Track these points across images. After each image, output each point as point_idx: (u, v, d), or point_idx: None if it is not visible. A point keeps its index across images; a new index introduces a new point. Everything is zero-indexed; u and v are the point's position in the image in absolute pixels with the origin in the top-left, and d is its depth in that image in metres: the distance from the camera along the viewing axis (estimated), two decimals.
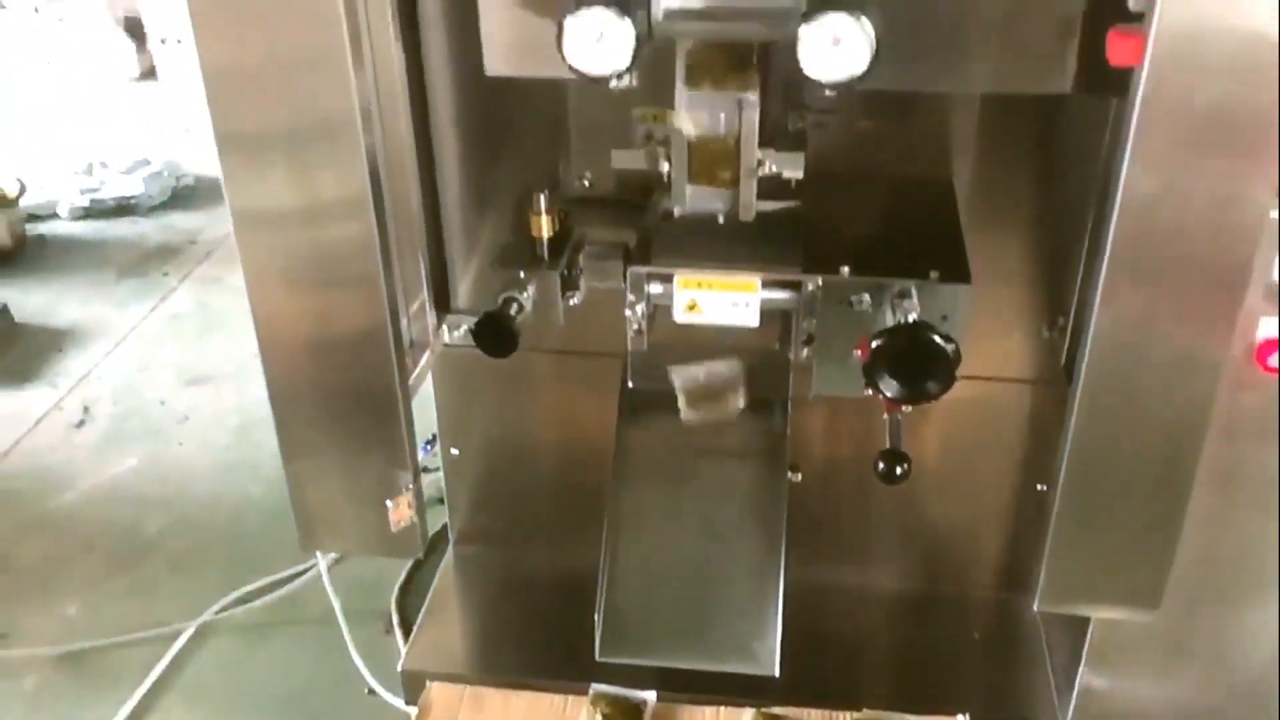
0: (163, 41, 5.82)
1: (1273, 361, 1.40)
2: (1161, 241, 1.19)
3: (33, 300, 3.78)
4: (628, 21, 1.19)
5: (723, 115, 1.41)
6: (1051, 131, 1.65)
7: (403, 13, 1.46)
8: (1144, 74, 1.08)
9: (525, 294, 1.61)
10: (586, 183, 1.84)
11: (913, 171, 1.70)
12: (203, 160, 4.73)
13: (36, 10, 5.96)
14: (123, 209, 4.43)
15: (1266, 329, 1.39)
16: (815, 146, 1.58)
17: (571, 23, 1.20)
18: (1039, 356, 1.85)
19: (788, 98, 1.53)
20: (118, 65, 5.88)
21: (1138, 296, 1.24)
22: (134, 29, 5.92)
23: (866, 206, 1.66)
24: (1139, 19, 1.08)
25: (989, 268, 1.63)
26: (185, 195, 4.54)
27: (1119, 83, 1.16)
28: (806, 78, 1.19)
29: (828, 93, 1.21)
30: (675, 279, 1.52)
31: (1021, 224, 1.75)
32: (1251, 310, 1.37)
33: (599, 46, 1.21)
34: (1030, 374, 1.88)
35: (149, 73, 5.92)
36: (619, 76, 1.23)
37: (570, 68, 1.22)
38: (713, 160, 1.47)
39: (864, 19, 1.15)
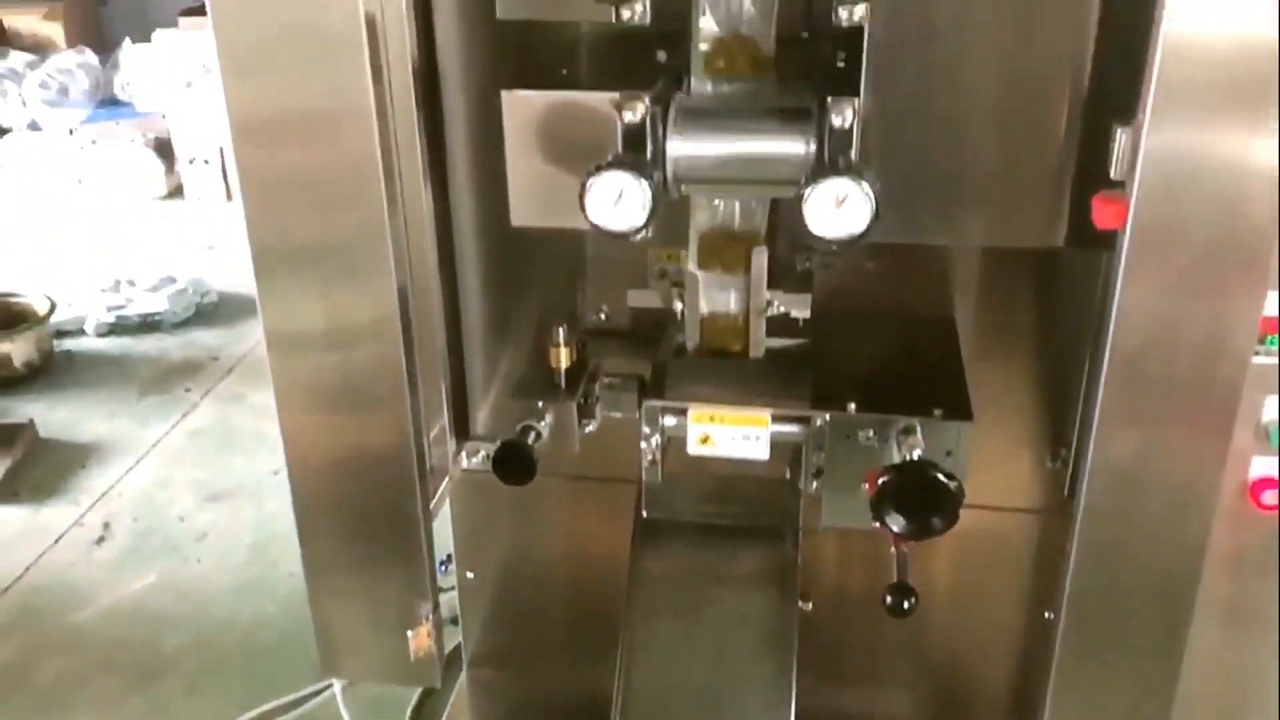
0: (190, 162, 6.04)
1: (1267, 499, 1.45)
2: (1151, 385, 1.26)
3: (58, 416, 3.86)
4: (645, 183, 1.28)
5: (733, 290, 1.50)
6: (1049, 273, 1.72)
7: (433, 160, 1.56)
8: (1127, 237, 1.16)
9: (543, 423, 1.67)
10: (603, 316, 1.92)
11: (916, 310, 1.77)
12: (226, 277, 4.88)
13: (71, 132, 6.18)
14: (148, 325, 4.54)
15: (1259, 468, 1.44)
16: (821, 285, 1.66)
17: (594, 184, 1.28)
18: (1044, 487, 1.90)
19: (795, 241, 1.62)
20: (146, 184, 6.06)
21: (1131, 436, 1.30)
22: (163, 149, 6.12)
23: (872, 343, 1.72)
24: (1121, 185, 1.16)
25: (993, 400, 1.69)
26: (209, 312, 4.66)
27: (1108, 238, 1.24)
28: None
29: (832, 247, 1.29)
30: (689, 413, 1.59)
31: (1023, 359, 1.81)
32: (1244, 450, 1.43)
33: (619, 206, 1.29)
34: (1036, 504, 1.92)
35: (176, 191, 6.10)
36: (637, 232, 1.32)
37: (592, 225, 1.31)
38: (722, 332, 1.55)
39: (864, 183, 1.23)
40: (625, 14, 1.26)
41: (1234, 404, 1.26)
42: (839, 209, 1.25)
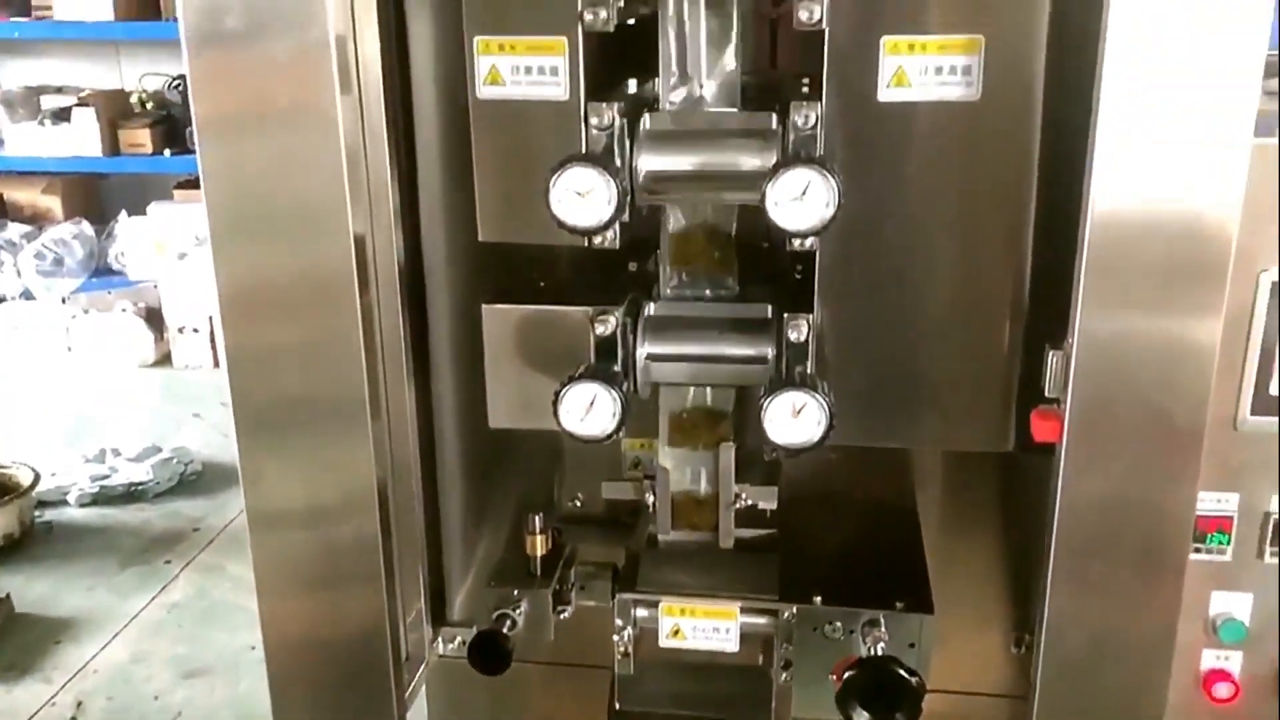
0: (180, 330, 6.15)
1: (1219, 692, 1.49)
2: (1095, 583, 1.33)
3: (36, 589, 3.84)
4: (615, 393, 1.36)
5: (703, 469, 1.57)
6: (1007, 467, 1.80)
7: (417, 360, 1.65)
8: (1063, 450, 1.24)
9: (518, 610, 1.71)
10: (578, 503, 1.98)
11: (880, 500, 1.84)
12: (211, 446, 4.92)
13: (64, 301, 6.31)
14: (131, 495, 4.56)
15: (1210, 661, 1.49)
16: (788, 475, 1.73)
17: (567, 394, 1.37)
18: (1011, 672, 1.93)
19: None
20: (135, 352, 6.16)
21: (1080, 631, 1.36)
22: (153, 318, 6.24)
23: (837, 533, 1.79)
24: (1056, 401, 1.26)
25: (959, 587, 1.75)
26: (192, 482, 4.69)
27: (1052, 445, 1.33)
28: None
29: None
30: (660, 606, 1.63)
31: (986, 548, 1.86)
32: (1195, 644, 1.48)
33: (590, 414, 1.37)
34: (1003, 689, 1.94)
35: (164, 359, 6.20)
36: (608, 438, 1.39)
37: (566, 431, 1.39)
38: (693, 511, 1.62)
39: (819, 395, 1.32)
40: (597, 240, 1.37)
41: (1175, 598, 1.32)
42: (796, 418, 1.33)
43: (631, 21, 1.45)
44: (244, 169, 1.35)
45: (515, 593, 1.73)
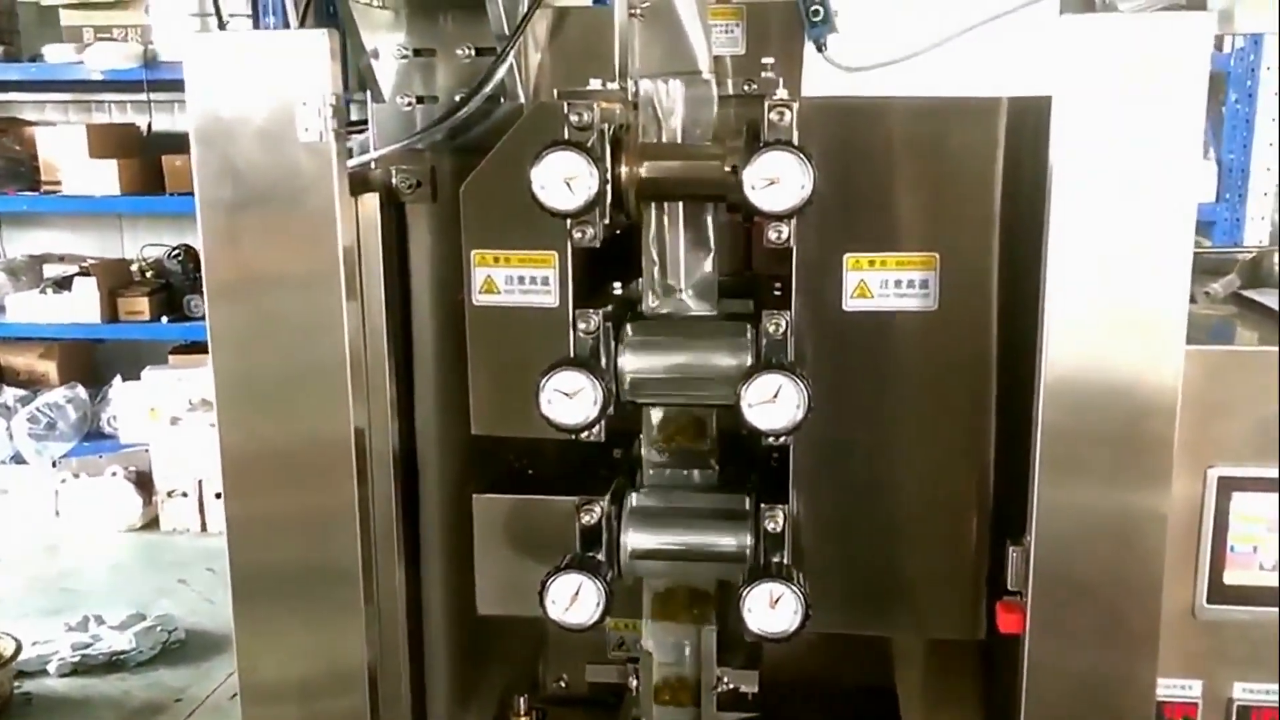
0: (169, 494, 6.17)
1: None
2: None
3: None
4: (599, 583, 1.43)
5: (687, 649, 1.62)
6: (985, 647, 1.85)
7: (409, 549, 1.71)
8: (1026, 639, 1.30)
9: None
10: (563, 683, 2.02)
11: (859, 679, 1.88)
12: (195, 613, 4.88)
13: (54, 464, 6.34)
14: (113, 665, 4.50)
15: None
16: (769, 655, 1.78)
17: (553, 585, 1.43)
18: None
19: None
20: (123, 516, 6.16)
21: None
22: (143, 481, 6.26)
23: (819, 715, 1.83)
24: (1018, 594, 1.33)
25: None
26: (175, 650, 4.63)
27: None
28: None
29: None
30: None
31: None
32: None
33: (576, 603, 1.44)
34: None
35: (151, 523, 6.19)
36: (593, 626, 1.45)
37: (550, 621, 1.45)
38: (676, 691, 1.67)
39: (794, 586, 1.39)
40: (584, 435, 1.45)
41: None
42: (774, 608, 1.40)
43: (617, 231, 1.57)
44: (254, 343, 1.44)
45: None
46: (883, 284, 1.42)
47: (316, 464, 1.50)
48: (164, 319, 6.41)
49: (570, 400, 1.38)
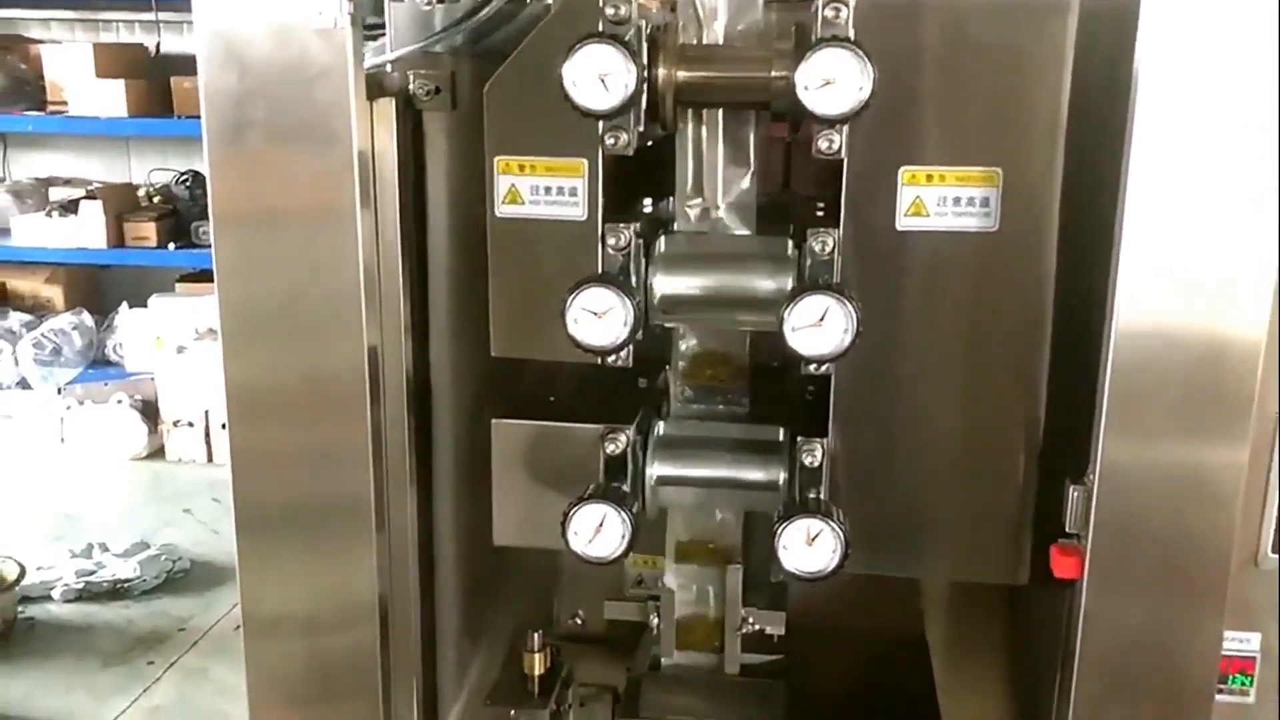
0: (175, 424, 6.11)
1: None
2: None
3: (15, 688, 3.74)
4: (625, 515, 1.34)
5: (710, 590, 1.54)
6: (1019, 592, 1.77)
7: (420, 475, 1.63)
8: (1084, 585, 1.21)
9: None
10: (579, 621, 1.94)
11: (889, 627, 1.80)
12: (200, 543, 4.85)
13: (59, 391, 6.28)
14: (116, 592, 4.47)
15: None
16: (796, 598, 1.70)
17: (576, 515, 1.34)
18: None
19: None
20: (128, 445, 6.11)
21: None
22: (149, 410, 6.21)
23: (846, 660, 1.75)
24: (1077, 536, 1.23)
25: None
26: (179, 579, 4.60)
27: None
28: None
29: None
30: None
31: (996, 678, 1.82)
32: None
33: (599, 535, 1.35)
34: None
35: (157, 452, 6.14)
36: (616, 560, 1.37)
37: (572, 553, 1.36)
38: (697, 644, 1.59)
39: (834, 522, 1.30)
40: (610, 359, 1.36)
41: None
42: (810, 546, 1.31)
43: (649, 143, 1.46)
44: (260, 270, 1.35)
45: (512, 713, 1.68)
46: (940, 201, 1.31)
47: (328, 392, 1.41)
48: (171, 246, 6.32)
49: (599, 320, 1.28)
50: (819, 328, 1.24)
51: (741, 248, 1.44)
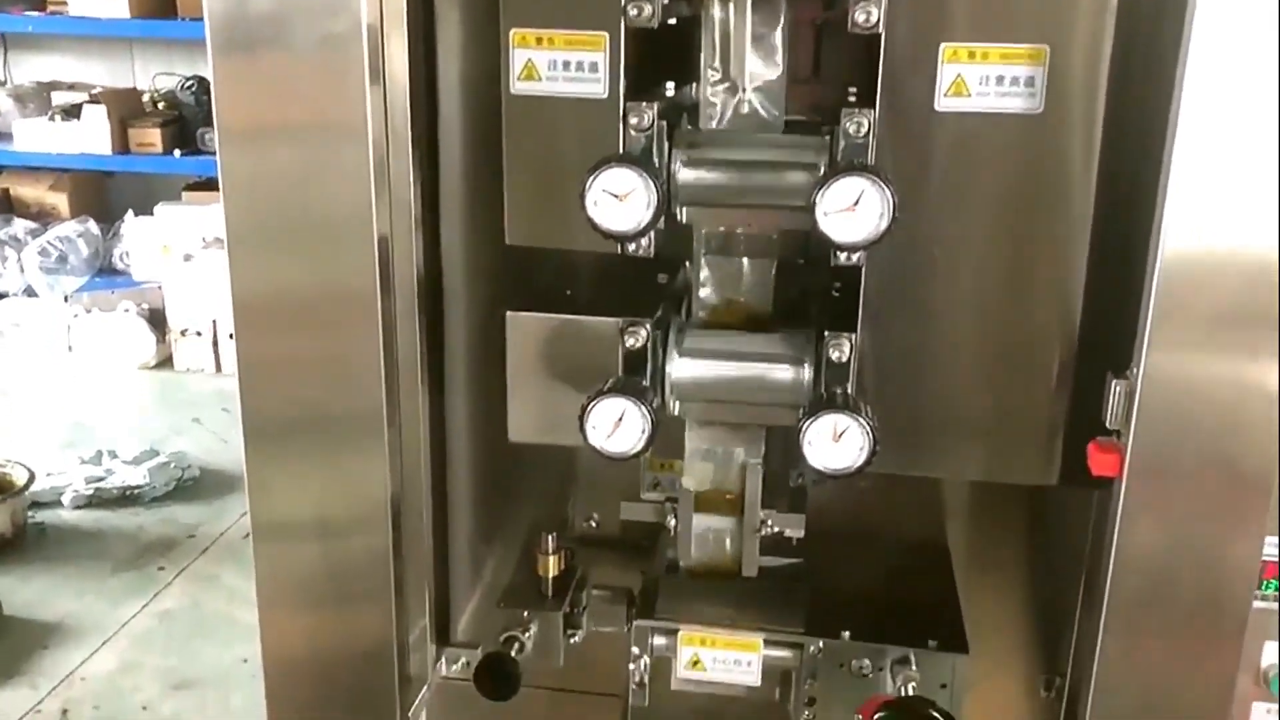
0: (183, 333, 6.08)
1: None
2: (1150, 630, 1.26)
3: (26, 591, 3.76)
4: (645, 409, 1.29)
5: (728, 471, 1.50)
6: (1042, 502, 1.72)
7: (432, 369, 1.58)
8: (1123, 485, 1.16)
9: (527, 634, 1.64)
10: (594, 524, 1.91)
11: (910, 533, 1.76)
12: (209, 452, 4.85)
13: (66, 299, 6.24)
14: (126, 499, 4.48)
15: (1260, 715, 1.41)
16: (815, 503, 1.66)
17: (595, 409, 1.29)
18: (1038, 715, 1.85)
19: (789, 455, 1.62)
20: (137, 354, 6.09)
21: (1130, 681, 1.28)
22: (156, 319, 6.17)
23: (866, 565, 1.71)
24: (1116, 433, 1.18)
25: (987, 627, 1.66)
26: (189, 487, 4.61)
27: (1101, 479, 1.25)
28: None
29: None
30: (679, 635, 1.55)
31: (1016, 586, 1.78)
32: (1244, 696, 1.40)
33: (618, 431, 1.30)
34: None
35: (166, 362, 6.12)
36: (635, 455, 1.32)
37: (591, 448, 1.31)
38: (715, 549, 1.57)
39: (862, 418, 1.24)
40: (631, 248, 1.30)
41: (1234, 653, 1.25)
42: (837, 442, 1.26)
43: (673, 21, 1.39)
44: (266, 173, 1.30)
45: (525, 614, 1.65)
46: (983, 80, 1.24)
47: (339, 283, 1.35)
48: (177, 152, 6.23)
49: (620, 203, 1.22)
50: (853, 212, 1.18)
51: (771, 131, 1.37)
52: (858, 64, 1.34)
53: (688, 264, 1.54)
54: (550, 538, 1.68)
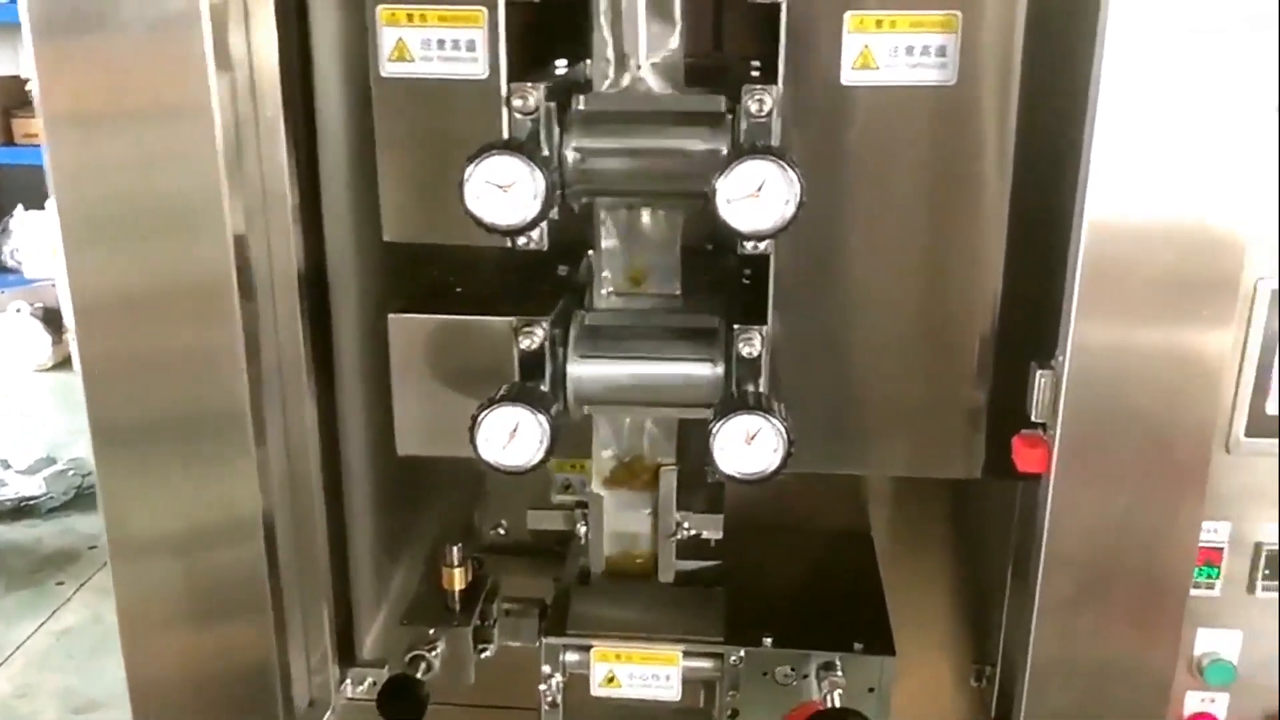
0: None
1: None
2: (1083, 623, 1.19)
3: None
4: (541, 418, 1.19)
5: (640, 512, 1.43)
6: (967, 493, 1.67)
7: (320, 375, 1.46)
8: (1051, 480, 1.09)
9: (434, 652, 1.56)
10: (502, 531, 1.81)
11: (833, 526, 1.69)
12: None
13: None
14: (22, 511, 4.27)
15: (1193, 704, 1.37)
16: (735, 497, 1.58)
17: (486, 419, 1.19)
18: (969, 705, 1.80)
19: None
20: (31, 355, 5.83)
21: (1070, 678, 1.22)
22: (51, 318, 5.92)
23: (788, 563, 1.64)
24: (1042, 426, 1.11)
25: (915, 617, 1.61)
26: (89, 495, 4.40)
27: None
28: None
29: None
30: (592, 651, 1.47)
31: (944, 576, 1.74)
32: (1178, 685, 1.35)
33: (513, 442, 1.20)
34: None
35: (64, 362, 5.87)
36: (533, 469, 1.22)
37: (483, 461, 1.21)
38: (629, 554, 1.50)
39: (775, 419, 1.16)
40: (521, 241, 1.19)
41: (1173, 643, 1.21)
42: (750, 445, 1.17)
43: None
44: (100, 164, 1.19)
45: (431, 632, 1.56)
46: (892, 51, 1.15)
47: (190, 281, 1.24)
48: None
49: (504, 194, 1.11)
50: (756, 199, 1.09)
51: (669, 107, 1.27)
52: (761, 36, 1.25)
53: (590, 253, 1.44)
54: (455, 548, 1.59)
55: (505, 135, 1.19)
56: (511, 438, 1.19)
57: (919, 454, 1.32)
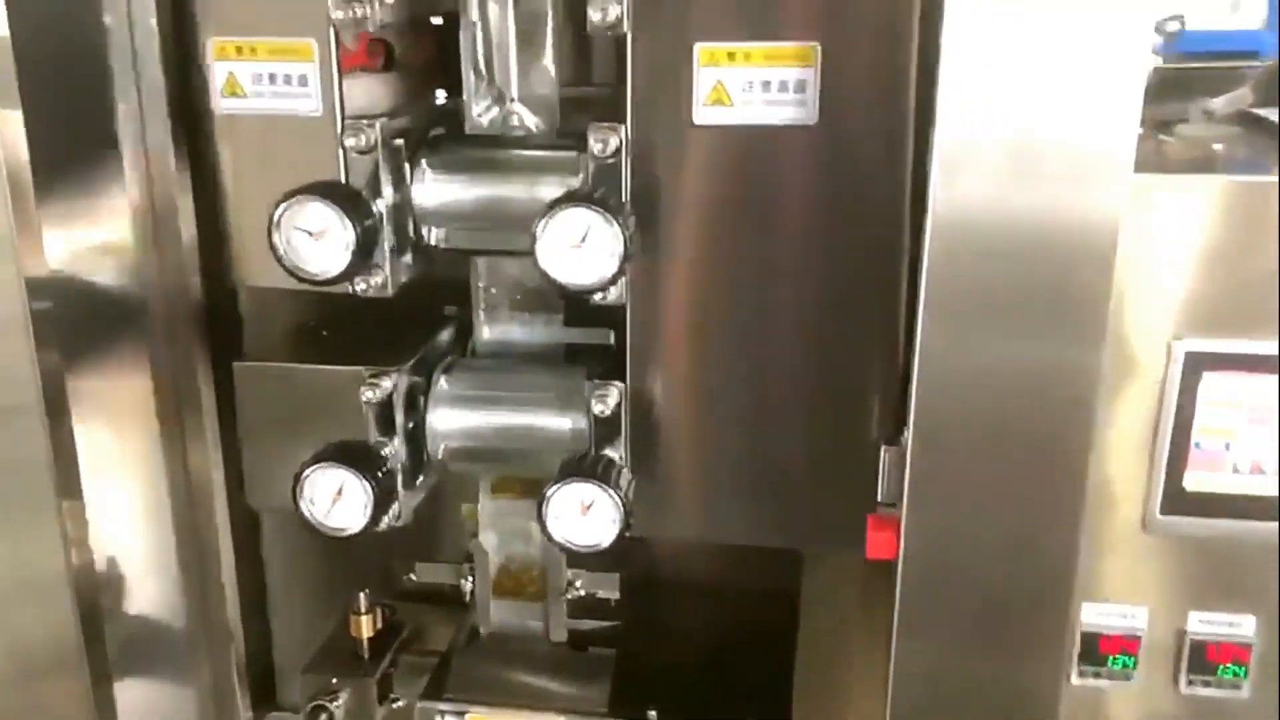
0: None
1: None
2: None
3: None
4: (366, 481, 1.12)
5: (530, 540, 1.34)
6: None
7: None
8: (899, 573, 0.98)
9: (336, 703, 1.48)
10: (413, 577, 1.74)
11: (757, 584, 1.57)
12: None
13: None
14: None
15: None
16: (639, 555, 1.49)
17: (308, 478, 1.12)
18: None
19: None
20: None
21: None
22: None
23: (697, 626, 1.53)
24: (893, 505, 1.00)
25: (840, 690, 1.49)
26: None
27: None
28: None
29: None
30: (466, 717, 1.38)
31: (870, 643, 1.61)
32: None
33: (341, 501, 1.13)
34: None
35: None
36: (364, 531, 1.15)
37: (307, 522, 1.14)
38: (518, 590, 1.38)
39: (610, 491, 1.06)
40: (361, 287, 1.11)
41: None
42: (585, 515, 1.08)
43: (439, 21, 1.21)
44: None
45: (334, 680, 1.49)
46: (746, 86, 1.04)
47: None
48: None
49: (316, 242, 1.03)
50: (579, 250, 0.99)
51: (524, 152, 1.18)
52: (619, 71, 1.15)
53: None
54: (362, 595, 1.52)
55: (343, 177, 1.12)
56: (336, 499, 1.12)
57: (801, 525, 1.19)
